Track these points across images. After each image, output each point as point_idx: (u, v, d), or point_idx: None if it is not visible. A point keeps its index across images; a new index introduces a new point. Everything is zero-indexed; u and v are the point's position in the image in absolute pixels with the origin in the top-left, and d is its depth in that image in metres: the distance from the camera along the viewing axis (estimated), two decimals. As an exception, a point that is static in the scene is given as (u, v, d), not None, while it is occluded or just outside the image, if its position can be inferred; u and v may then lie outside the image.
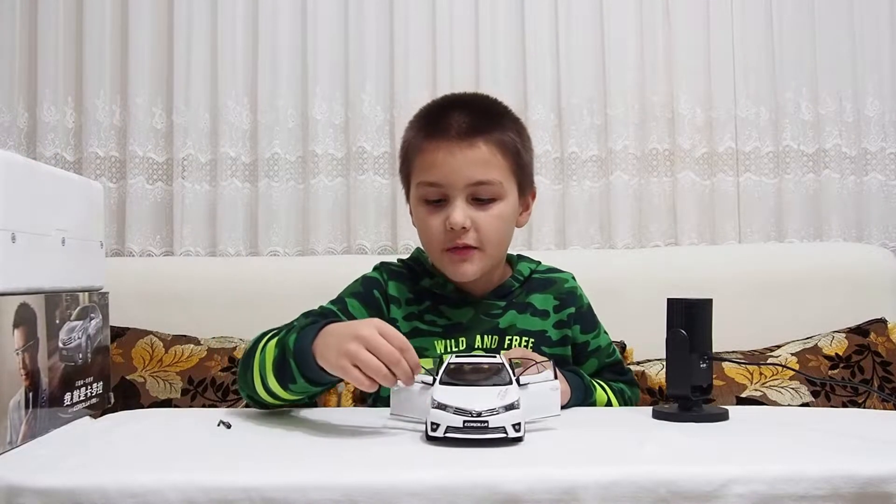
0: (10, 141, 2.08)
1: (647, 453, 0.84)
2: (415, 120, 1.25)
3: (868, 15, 2.09)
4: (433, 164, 1.17)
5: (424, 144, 1.18)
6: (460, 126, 1.17)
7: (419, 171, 1.19)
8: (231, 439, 0.91)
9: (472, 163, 1.16)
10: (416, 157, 1.20)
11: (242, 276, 1.92)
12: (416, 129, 1.23)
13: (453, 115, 1.18)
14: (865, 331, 1.72)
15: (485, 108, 1.22)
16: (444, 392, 0.87)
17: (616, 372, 1.32)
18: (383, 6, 2.09)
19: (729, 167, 2.08)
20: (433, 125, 1.19)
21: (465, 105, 1.21)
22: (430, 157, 1.17)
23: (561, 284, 1.29)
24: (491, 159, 1.17)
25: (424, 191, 1.19)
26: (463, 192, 1.16)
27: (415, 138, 1.22)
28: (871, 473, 0.74)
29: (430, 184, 1.17)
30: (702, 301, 1.05)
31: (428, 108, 1.26)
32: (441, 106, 1.24)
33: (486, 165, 1.17)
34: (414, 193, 1.22)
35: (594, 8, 2.09)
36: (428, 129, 1.19)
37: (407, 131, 1.25)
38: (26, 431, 0.89)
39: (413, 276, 1.27)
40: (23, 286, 0.91)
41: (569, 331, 1.27)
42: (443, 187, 1.16)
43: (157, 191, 2.11)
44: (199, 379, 1.66)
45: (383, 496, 0.71)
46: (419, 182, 1.19)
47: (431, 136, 1.18)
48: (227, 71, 2.08)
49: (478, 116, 1.19)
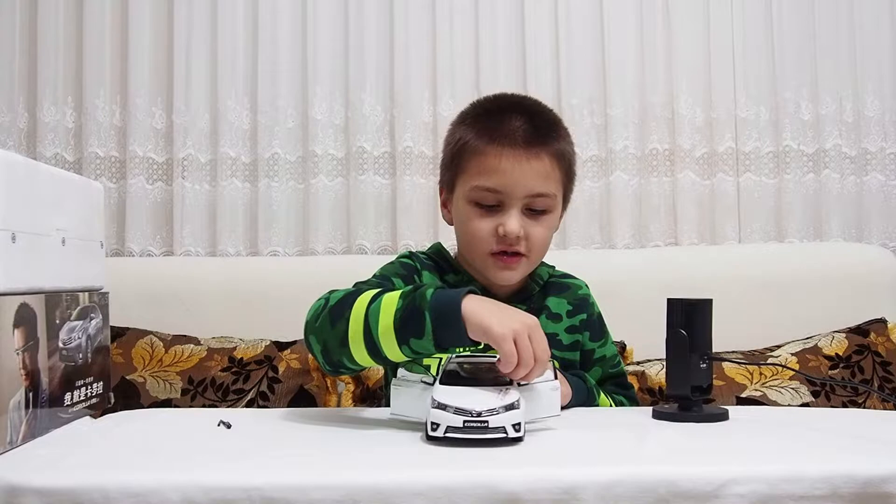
0: (10, 141, 2.08)
1: (647, 453, 0.84)
2: (471, 120, 1.22)
3: (868, 15, 2.10)
4: (495, 169, 1.15)
5: (486, 148, 1.16)
6: (525, 134, 1.15)
7: (476, 174, 1.17)
8: (231, 439, 0.91)
9: (535, 174, 1.16)
10: (473, 159, 1.18)
11: (242, 276, 1.92)
12: (474, 131, 1.19)
13: (514, 119, 1.17)
14: (865, 331, 1.72)
15: (544, 116, 1.21)
16: (444, 392, 0.87)
17: (619, 384, 1.32)
18: (383, 6, 2.09)
19: (729, 167, 2.08)
20: (495, 129, 1.17)
21: (525, 110, 1.20)
22: (491, 162, 1.15)
23: (575, 290, 1.30)
24: (551, 172, 1.17)
25: (479, 194, 1.17)
26: (520, 202, 1.16)
27: (474, 140, 1.18)
28: (871, 473, 0.73)
29: (487, 189, 1.16)
30: (702, 301, 1.05)
31: (484, 108, 1.23)
32: (500, 108, 1.21)
33: (546, 178, 1.17)
34: (464, 194, 1.19)
35: (594, 8, 2.09)
36: (490, 133, 1.17)
37: (459, 129, 1.22)
38: (26, 431, 0.89)
39: (438, 270, 1.27)
40: (23, 286, 0.91)
41: (579, 336, 1.28)
42: (501, 194, 1.16)
43: (157, 191, 2.11)
44: (199, 379, 1.66)
45: (384, 496, 0.71)
46: (475, 185, 1.17)
47: (494, 140, 1.16)
48: (227, 71, 2.08)
49: (540, 125, 1.18)
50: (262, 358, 1.69)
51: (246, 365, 1.68)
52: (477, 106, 1.25)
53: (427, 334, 0.92)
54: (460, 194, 1.20)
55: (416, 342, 0.93)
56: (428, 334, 0.92)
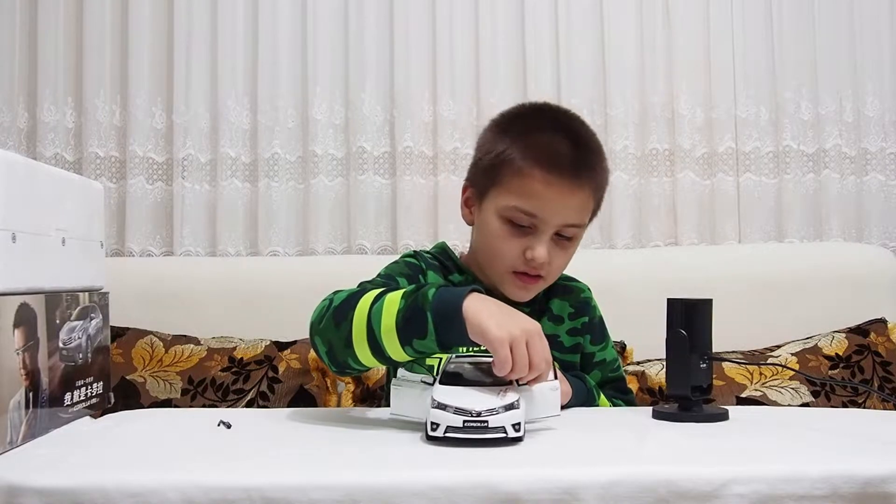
0: (10, 141, 2.08)
1: (647, 453, 0.84)
2: (516, 134, 1.18)
3: (868, 15, 2.10)
4: (538, 195, 1.13)
5: (532, 171, 1.13)
6: (572, 162, 1.13)
7: (515, 195, 1.14)
8: (231, 439, 0.91)
9: (574, 206, 1.15)
10: (516, 178, 1.14)
11: (242, 276, 1.92)
12: (519, 148, 1.15)
13: (561, 144, 1.14)
14: (865, 331, 1.72)
15: (590, 144, 1.19)
16: (444, 392, 0.87)
17: (618, 389, 1.32)
18: (383, 6, 2.09)
19: (729, 167, 2.08)
20: (542, 151, 1.13)
21: (572, 134, 1.17)
22: (535, 188, 1.13)
23: (578, 293, 1.30)
24: (587, 203, 1.17)
25: (514, 214, 1.14)
26: (553, 229, 1.15)
27: (519, 159, 1.14)
28: (871, 473, 0.73)
29: (524, 212, 1.13)
30: (702, 301, 1.05)
31: (530, 123, 1.19)
32: (547, 127, 1.18)
33: (582, 210, 1.16)
34: (497, 208, 1.16)
35: (594, 8, 2.09)
36: (536, 155, 1.13)
37: (502, 140, 1.18)
38: (26, 431, 0.89)
39: (443, 270, 1.26)
40: (23, 286, 0.91)
41: (580, 339, 1.28)
42: (536, 219, 1.14)
43: (157, 191, 2.11)
44: (199, 379, 1.66)
45: (384, 496, 0.71)
46: (513, 206, 1.14)
47: (540, 163, 1.13)
48: (227, 71, 2.08)
49: (586, 153, 1.16)
50: (262, 358, 1.69)
51: (246, 365, 1.68)
52: (522, 117, 1.21)
53: (429, 334, 0.92)
54: (492, 206, 1.17)
55: (419, 342, 0.93)
56: (430, 334, 0.92)
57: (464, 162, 2.08)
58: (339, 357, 0.99)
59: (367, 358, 0.97)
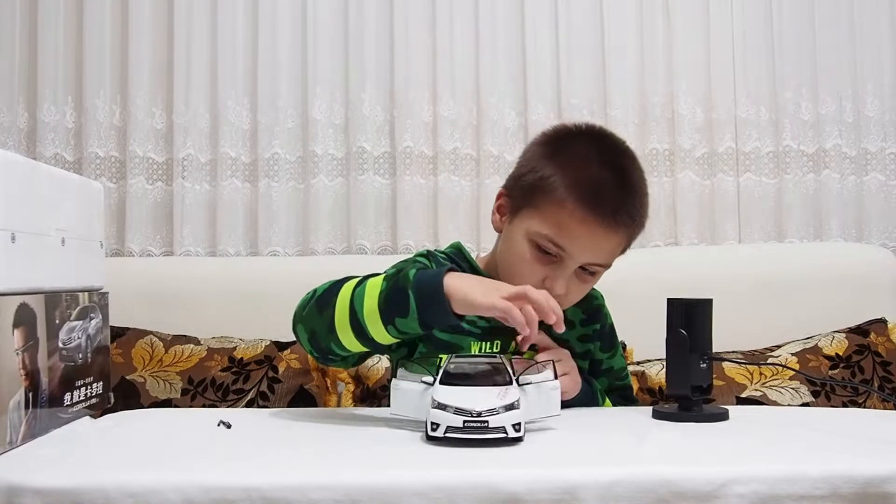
0: (10, 141, 2.08)
1: (647, 453, 0.84)
2: (564, 161, 1.13)
3: (868, 15, 2.10)
4: (571, 232, 1.10)
5: (573, 208, 1.09)
6: (615, 208, 1.10)
7: (550, 225, 1.10)
8: (231, 439, 0.91)
9: (605, 249, 1.13)
10: (554, 209, 1.10)
11: (242, 276, 1.92)
12: (565, 180, 1.11)
13: (608, 186, 1.10)
14: (865, 331, 1.72)
15: (636, 186, 1.15)
16: (444, 392, 0.87)
17: (624, 396, 1.31)
18: (383, 6, 2.09)
19: (729, 167, 2.08)
20: (588, 191, 1.09)
21: (621, 175, 1.13)
22: (571, 224, 1.09)
23: (591, 300, 1.28)
24: (618, 247, 1.15)
25: (543, 242, 1.11)
26: (578, 265, 1.13)
27: (562, 191, 1.10)
28: (871, 473, 0.73)
29: (555, 243, 1.10)
30: (702, 301, 1.05)
31: (581, 154, 1.14)
32: (597, 163, 1.13)
33: (612, 253, 1.14)
34: (527, 231, 1.13)
35: (594, 8, 2.09)
36: (581, 193, 1.09)
37: (548, 164, 1.13)
38: (26, 431, 0.89)
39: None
40: (23, 286, 0.91)
41: (591, 345, 1.27)
42: (564, 252, 1.11)
43: (157, 191, 2.11)
44: (199, 379, 1.66)
45: (383, 496, 0.71)
46: (545, 234, 1.11)
47: (582, 203, 1.09)
48: (227, 71, 2.08)
49: (630, 197, 1.12)
50: (262, 358, 1.69)
51: (246, 365, 1.68)
52: (573, 143, 1.16)
53: (411, 312, 0.95)
54: (524, 227, 1.14)
55: (402, 321, 0.96)
56: (412, 313, 0.95)
57: (464, 162, 2.08)
58: (322, 343, 1.02)
59: (351, 341, 0.99)
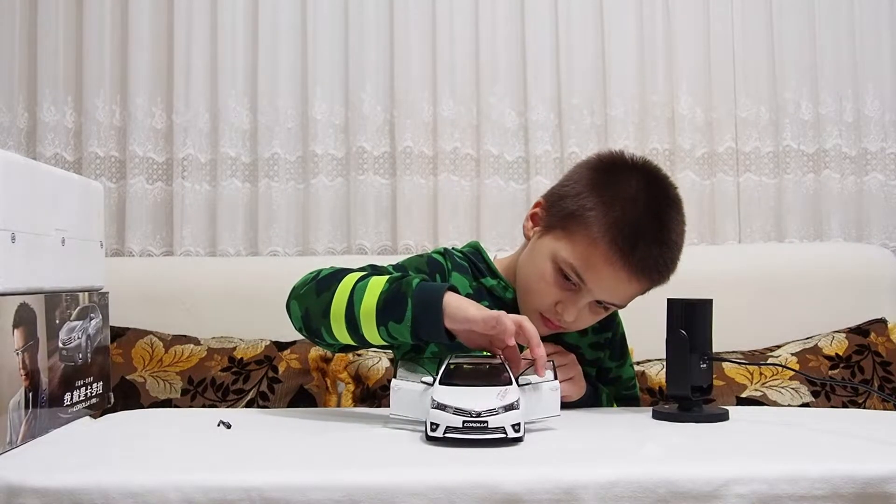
0: (10, 141, 2.08)
1: (647, 453, 0.84)
2: (608, 199, 1.10)
3: (868, 15, 2.09)
4: (595, 271, 1.08)
5: (605, 247, 1.07)
6: (646, 263, 1.08)
7: (577, 255, 1.09)
8: (231, 439, 0.91)
9: (624, 293, 1.12)
10: (585, 240, 1.09)
11: (242, 276, 1.92)
12: (603, 216, 1.09)
13: (646, 237, 1.08)
14: (865, 331, 1.72)
15: (674, 244, 1.12)
16: (443, 392, 0.87)
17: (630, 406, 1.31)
18: (383, 6, 2.09)
19: (729, 167, 2.08)
20: (624, 237, 1.07)
21: (662, 228, 1.11)
22: (598, 262, 1.08)
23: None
24: (638, 293, 1.13)
25: (567, 269, 1.10)
26: (593, 299, 1.12)
27: (597, 229, 1.08)
28: (871, 473, 0.73)
29: (577, 274, 1.09)
30: (702, 301, 1.06)
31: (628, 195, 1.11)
32: (642, 210, 1.10)
33: (630, 298, 1.13)
34: (554, 253, 1.11)
35: (594, 8, 2.09)
36: (616, 236, 1.07)
37: (592, 197, 1.11)
38: (26, 431, 0.89)
39: (474, 272, 1.22)
40: (23, 286, 0.91)
41: (601, 353, 1.27)
42: (584, 284, 1.09)
43: (157, 191, 2.11)
44: (199, 379, 1.66)
45: (383, 496, 0.71)
46: (571, 264, 1.09)
47: (615, 246, 1.07)
48: (227, 71, 2.08)
49: (665, 254, 1.10)
50: (262, 358, 1.69)
51: (246, 365, 1.68)
52: (623, 181, 1.13)
53: (406, 321, 0.96)
54: (552, 247, 1.12)
55: (395, 326, 0.97)
56: (407, 321, 0.96)
57: (464, 162, 2.08)
58: (313, 324, 1.03)
59: (341, 332, 1.01)
